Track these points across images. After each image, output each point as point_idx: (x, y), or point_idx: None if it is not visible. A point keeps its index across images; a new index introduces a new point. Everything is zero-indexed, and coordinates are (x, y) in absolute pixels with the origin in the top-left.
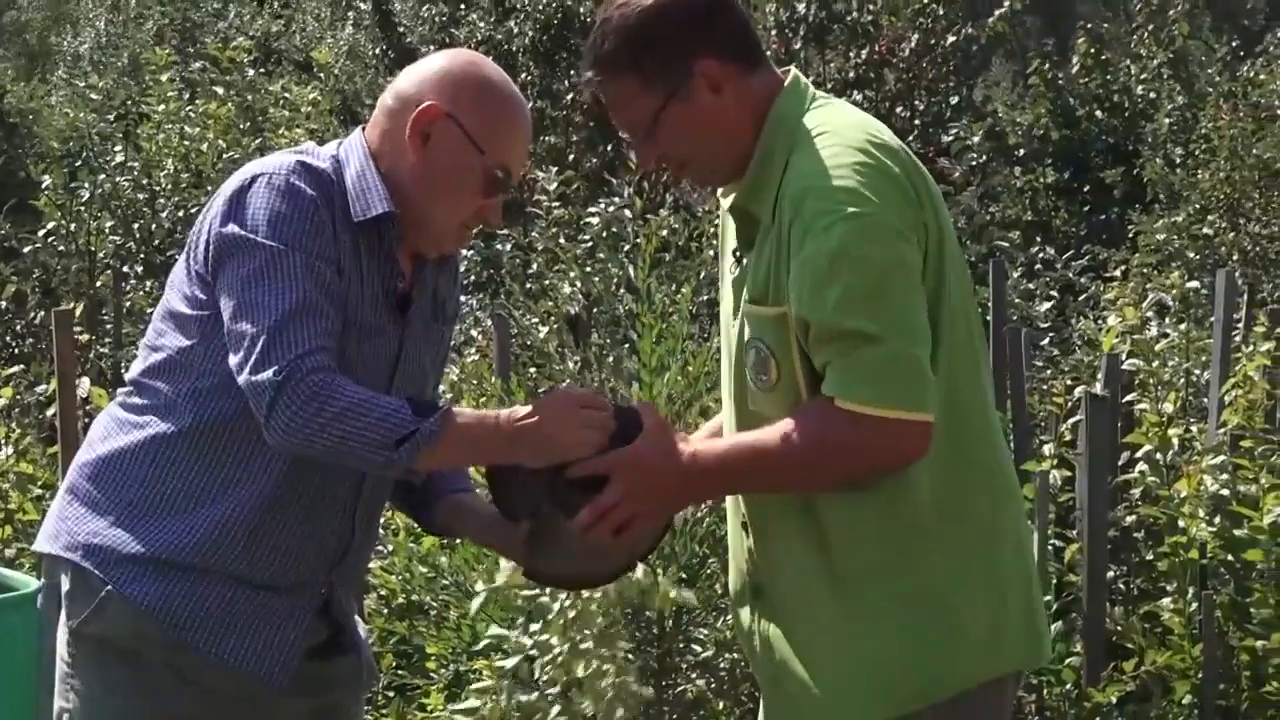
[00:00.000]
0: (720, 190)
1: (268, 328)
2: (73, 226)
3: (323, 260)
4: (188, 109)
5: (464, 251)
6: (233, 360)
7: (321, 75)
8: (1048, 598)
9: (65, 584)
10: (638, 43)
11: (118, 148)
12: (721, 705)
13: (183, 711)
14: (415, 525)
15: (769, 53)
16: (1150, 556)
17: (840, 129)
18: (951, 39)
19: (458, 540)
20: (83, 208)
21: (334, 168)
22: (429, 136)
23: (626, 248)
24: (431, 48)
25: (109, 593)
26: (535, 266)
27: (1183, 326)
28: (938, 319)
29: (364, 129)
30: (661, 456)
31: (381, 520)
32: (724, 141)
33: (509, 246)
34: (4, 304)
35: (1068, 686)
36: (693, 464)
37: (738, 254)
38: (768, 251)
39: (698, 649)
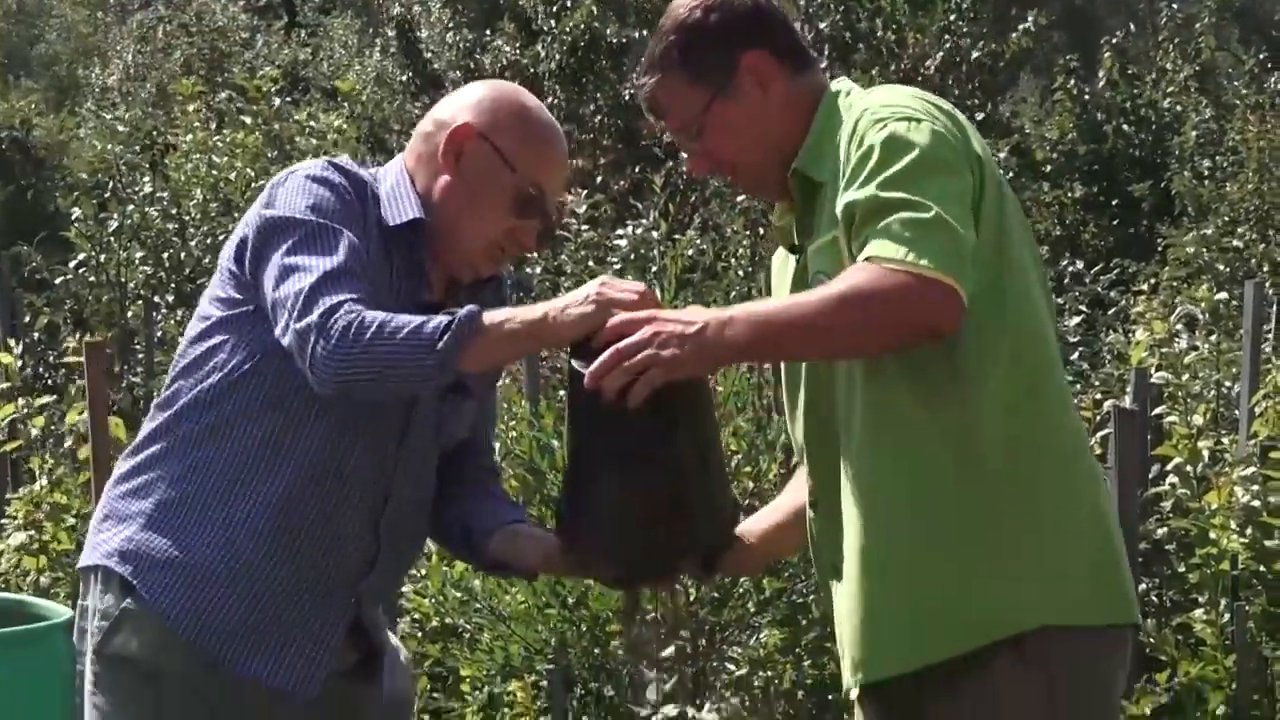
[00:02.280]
0: (775, 218)
1: (310, 284)
2: (103, 257)
3: (358, 241)
4: (215, 138)
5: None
6: (278, 329)
7: (348, 103)
8: None
9: (94, 596)
10: (685, 38)
11: (146, 178)
12: None
13: None
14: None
15: None
16: (1182, 569)
17: (895, 87)
18: (976, 55)
19: None
20: (112, 238)
21: (370, 177)
22: (461, 155)
23: (654, 270)
24: (458, 73)
25: (134, 602)
26: (564, 290)
27: (1212, 339)
28: (1000, 270)
29: (404, 152)
30: (691, 309)
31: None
32: (774, 140)
33: (538, 270)
34: (37, 335)
35: None
36: (722, 311)
37: (796, 247)
38: (830, 200)
39: (731, 667)
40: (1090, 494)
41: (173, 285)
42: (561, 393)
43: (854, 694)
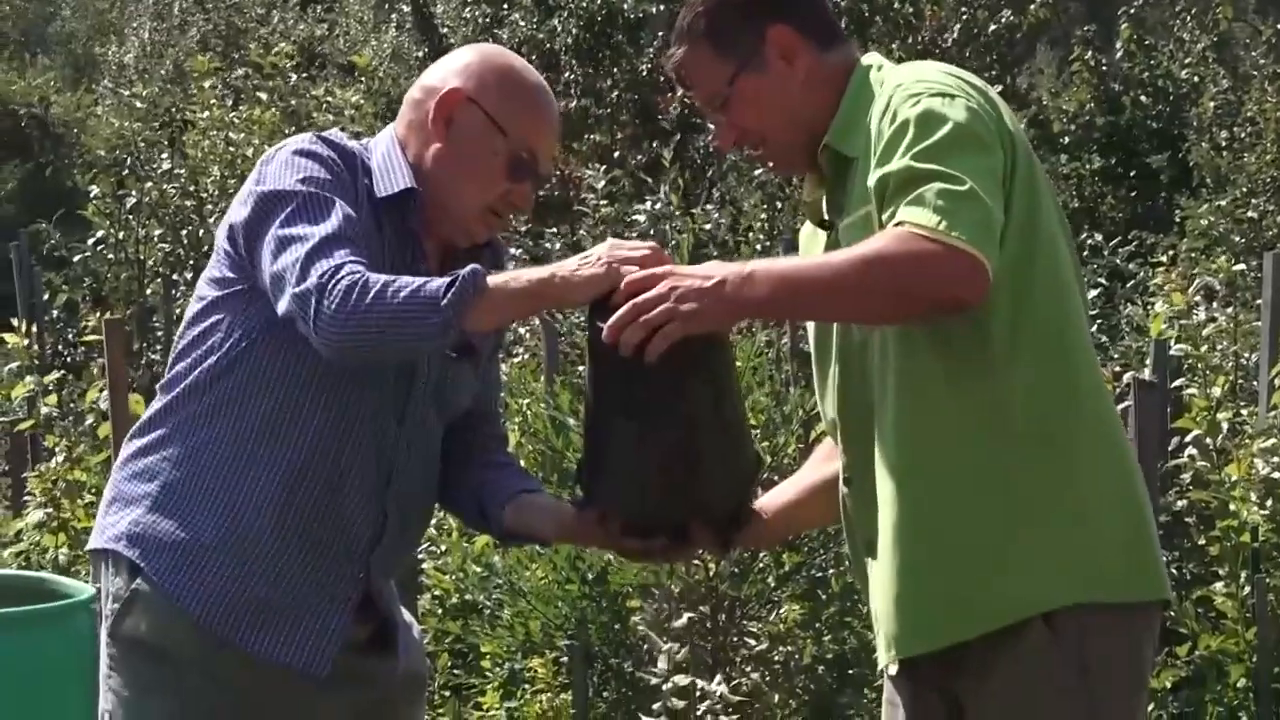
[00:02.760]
0: (804, 193)
1: (306, 250)
2: (121, 235)
3: (346, 207)
4: (232, 115)
5: (512, 250)
6: (280, 301)
7: (364, 79)
8: None
9: (105, 579)
10: (712, 10)
11: (164, 155)
12: (777, 698)
13: (215, 712)
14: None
15: None
16: (1202, 541)
17: (926, 64)
18: (994, 27)
19: None
20: (130, 216)
21: (360, 149)
22: (451, 120)
23: (671, 244)
24: None
25: (143, 583)
26: None
27: (1230, 310)
28: (1031, 243)
29: (395, 122)
30: (709, 264)
31: (432, 519)
32: (802, 115)
33: (557, 245)
34: (55, 313)
35: None
36: (742, 265)
37: (827, 224)
38: (862, 176)
39: (752, 642)
40: (1122, 467)
41: (191, 262)
42: (580, 368)
43: (892, 670)
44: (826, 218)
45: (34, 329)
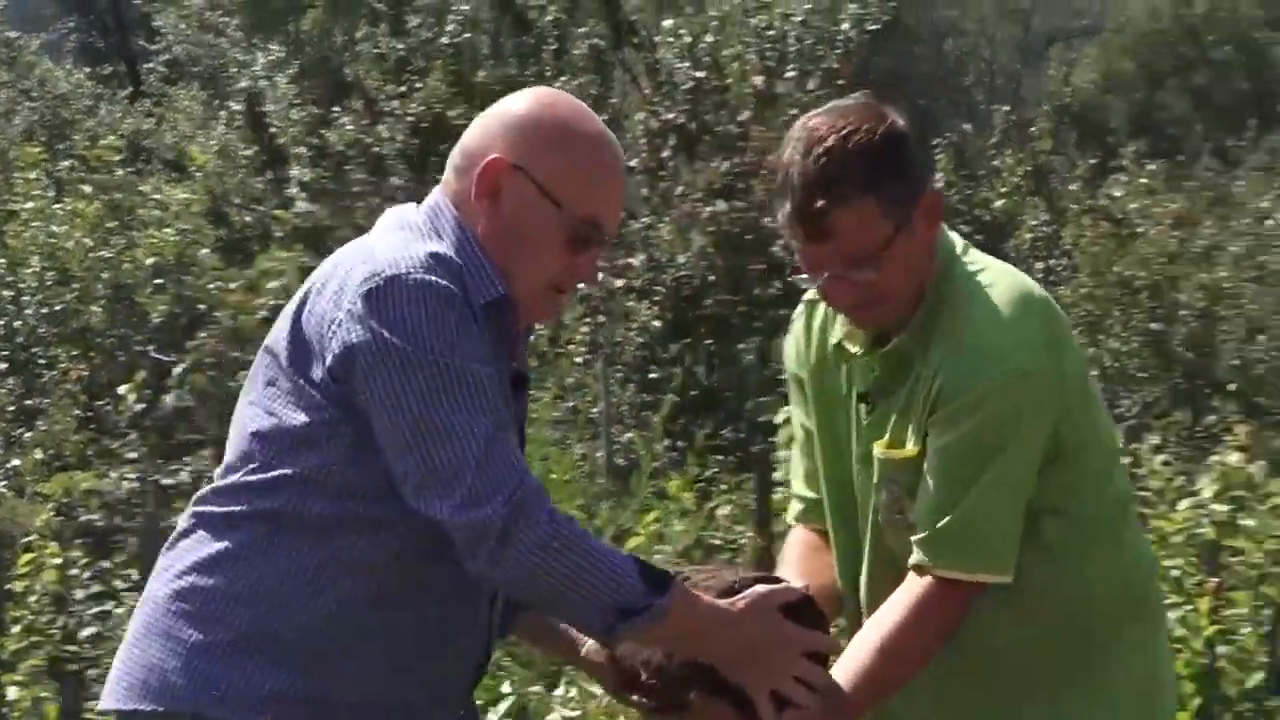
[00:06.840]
0: (842, 334)
1: (474, 456)
2: None
3: (486, 364)
4: (55, 206)
5: None
6: (424, 500)
7: (198, 174)
8: None
9: None
10: (882, 167)
11: None
12: None
13: None
14: None
15: (638, 161)
16: None
17: (997, 285)
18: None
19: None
20: None
21: (452, 249)
22: (498, 194)
23: None
24: (303, 149)
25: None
26: None
27: None
28: (1078, 445)
29: (442, 189)
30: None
31: None
32: (922, 275)
33: None
34: None
35: None
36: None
37: (869, 399)
38: (917, 398)
39: None
40: (1153, 641)
41: (5, 354)
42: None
43: None
44: (865, 389)
45: None
